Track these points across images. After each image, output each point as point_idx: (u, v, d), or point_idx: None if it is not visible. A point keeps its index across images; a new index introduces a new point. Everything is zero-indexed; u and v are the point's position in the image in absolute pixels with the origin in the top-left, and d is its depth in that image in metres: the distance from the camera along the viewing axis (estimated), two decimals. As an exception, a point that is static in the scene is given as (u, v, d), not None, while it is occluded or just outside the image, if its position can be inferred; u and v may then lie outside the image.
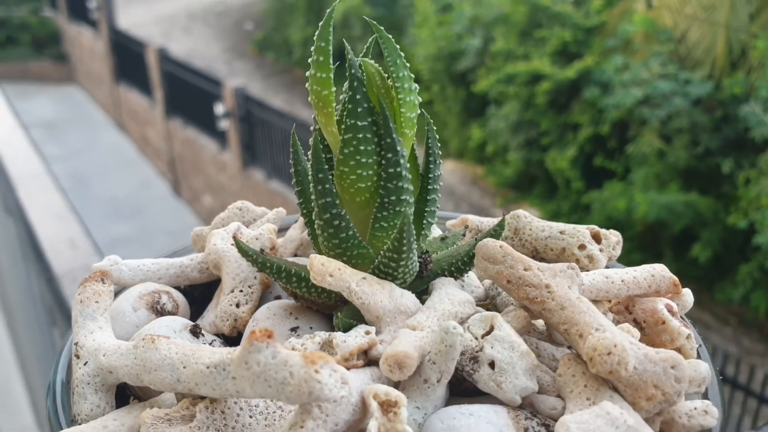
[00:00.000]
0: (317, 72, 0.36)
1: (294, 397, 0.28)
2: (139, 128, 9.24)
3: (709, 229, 5.81)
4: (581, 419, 0.30)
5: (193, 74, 8.12)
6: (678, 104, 6.11)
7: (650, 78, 6.38)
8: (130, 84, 9.21)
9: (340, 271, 0.35)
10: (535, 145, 7.12)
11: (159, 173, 8.79)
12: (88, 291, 0.36)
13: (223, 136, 7.97)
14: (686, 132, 6.23)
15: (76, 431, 0.30)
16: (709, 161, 6.10)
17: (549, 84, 6.72)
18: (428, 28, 7.95)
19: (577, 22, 7.13)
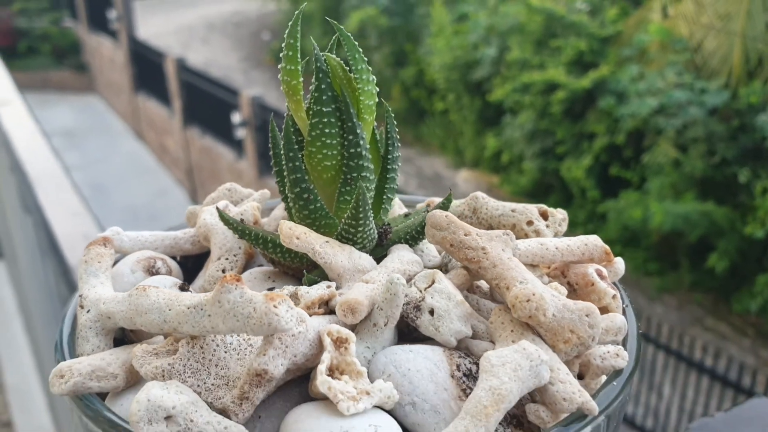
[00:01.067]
0: (287, 65, 0.42)
1: (257, 329, 0.34)
2: (158, 137, 9.35)
3: (725, 239, 5.79)
4: (501, 353, 0.35)
5: (210, 84, 8.21)
6: (694, 113, 6.10)
7: (666, 87, 6.38)
8: (149, 93, 9.32)
9: (306, 234, 0.41)
10: (551, 154, 7.13)
11: (177, 181, 8.88)
12: (91, 253, 0.42)
13: (239, 144, 8.04)
14: (702, 141, 6.21)
15: (78, 360, 0.36)
16: (726, 171, 6.08)
17: (564, 93, 6.73)
18: (444, 38, 7.99)
19: (592, 31, 7.14)
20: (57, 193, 1.30)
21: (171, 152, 9.04)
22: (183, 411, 0.33)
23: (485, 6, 8.30)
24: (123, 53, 9.62)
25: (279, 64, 0.43)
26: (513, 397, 0.34)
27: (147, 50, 9.10)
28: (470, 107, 7.87)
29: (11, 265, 3.05)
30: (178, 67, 8.40)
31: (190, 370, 0.36)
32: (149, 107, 9.28)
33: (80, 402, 0.36)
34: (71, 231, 1.20)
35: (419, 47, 8.71)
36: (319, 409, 0.34)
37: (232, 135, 7.97)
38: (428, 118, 8.50)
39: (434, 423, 0.35)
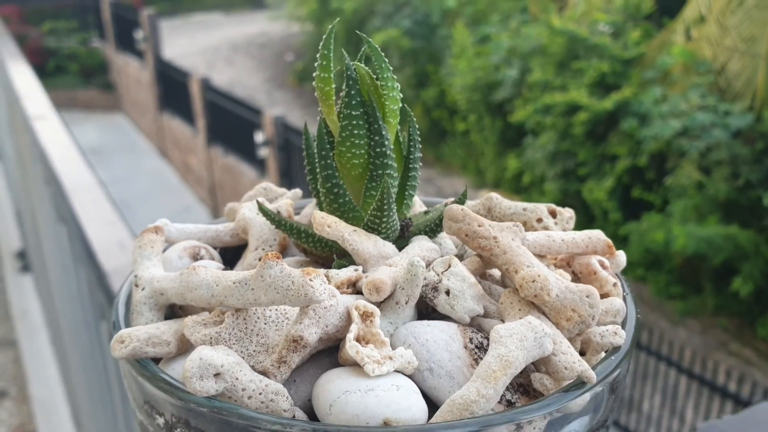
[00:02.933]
0: (321, 73, 0.48)
1: (295, 300, 0.39)
2: (182, 155, 9.46)
3: (750, 262, 5.75)
4: (509, 326, 0.40)
5: (234, 103, 8.31)
6: (717, 136, 6.08)
7: (689, 110, 6.38)
8: (174, 113, 9.45)
9: (336, 223, 0.46)
10: (572, 175, 7.13)
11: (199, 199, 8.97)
12: (145, 239, 0.47)
13: (262, 163, 8.11)
14: (726, 164, 6.19)
15: (136, 329, 0.41)
16: (750, 194, 6.05)
17: (586, 115, 6.74)
18: (466, 59, 8.04)
19: (615, 53, 7.15)
20: (92, 204, 1.36)
21: (194, 170, 9.16)
22: (230, 370, 0.37)
23: (507, 28, 8.36)
24: (149, 73, 9.78)
25: (313, 73, 0.48)
26: (519, 364, 0.38)
27: (172, 70, 9.25)
28: (491, 128, 7.91)
29: (39, 278, 3.12)
30: (203, 87, 8.53)
31: (234, 338, 0.41)
32: (174, 126, 9.41)
33: (137, 365, 0.41)
34: (106, 239, 1.25)
35: (441, 68, 8.78)
36: (347, 372, 0.39)
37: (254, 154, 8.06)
38: (449, 138, 8.55)
39: (449, 386, 0.40)
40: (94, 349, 1.48)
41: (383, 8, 9.45)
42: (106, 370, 1.35)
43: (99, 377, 1.50)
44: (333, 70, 0.48)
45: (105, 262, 1.19)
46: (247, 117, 8.01)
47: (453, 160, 8.47)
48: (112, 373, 1.28)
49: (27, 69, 2.45)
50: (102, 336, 1.26)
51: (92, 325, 1.41)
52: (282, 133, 7.74)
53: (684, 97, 6.43)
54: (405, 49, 8.81)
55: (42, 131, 1.64)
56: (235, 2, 14.08)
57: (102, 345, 1.30)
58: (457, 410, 0.37)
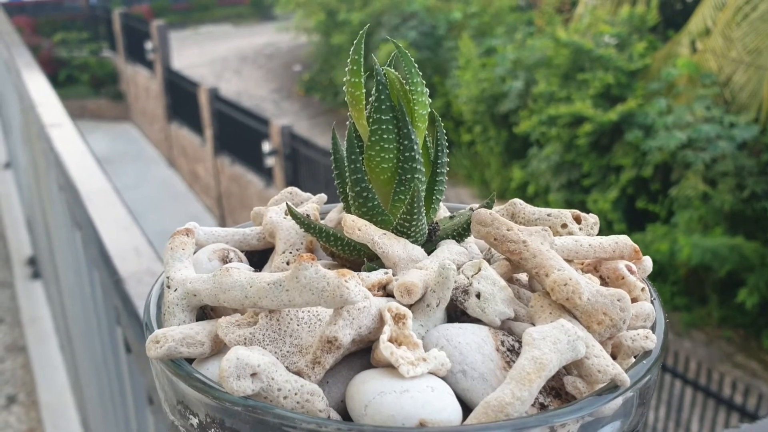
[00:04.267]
0: (352, 78, 0.48)
1: (330, 301, 0.39)
2: (189, 164, 9.49)
3: (755, 274, 5.74)
4: (541, 329, 0.40)
5: (242, 113, 8.35)
6: (723, 147, 6.09)
7: (694, 121, 6.38)
8: (182, 122, 9.49)
9: (366, 226, 0.47)
10: (577, 186, 7.14)
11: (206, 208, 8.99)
12: (176, 241, 0.48)
13: (269, 173, 8.13)
14: (732, 175, 6.19)
15: (171, 329, 0.42)
16: (756, 205, 6.04)
17: (591, 126, 6.74)
18: (471, 71, 8.06)
19: (620, 65, 7.17)
20: (108, 210, 1.36)
21: (202, 179, 9.18)
22: (266, 370, 0.38)
23: (512, 40, 8.39)
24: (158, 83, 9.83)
25: (345, 77, 0.49)
26: (553, 366, 0.39)
27: (181, 80, 9.29)
28: (497, 139, 7.92)
29: (50, 284, 3.13)
30: (211, 97, 8.57)
31: (268, 338, 0.41)
32: (182, 135, 9.45)
33: (172, 365, 0.41)
34: (122, 245, 1.26)
35: (447, 79, 8.81)
36: (381, 373, 0.39)
37: (261, 163, 8.08)
38: (455, 149, 8.57)
39: (482, 389, 0.40)
40: (107, 353, 1.49)
41: (390, 20, 9.48)
42: (119, 374, 1.36)
43: (111, 382, 1.51)
44: (363, 75, 0.48)
45: (121, 267, 1.20)
46: (254, 127, 8.05)
47: (458, 171, 8.48)
48: (126, 377, 1.28)
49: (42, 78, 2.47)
50: (117, 340, 1.27)
51: (106, 330, 1.42)
52: (289, 143, 7.76)
53: (689, 109, 6.44)
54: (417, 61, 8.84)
55: (58, 138, 1.66)
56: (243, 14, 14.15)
57: (117, 349, 1.30)
58: (491, 412, 0.37)
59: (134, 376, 1.22)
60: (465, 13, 9.10)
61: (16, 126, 3.25)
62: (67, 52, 11.17)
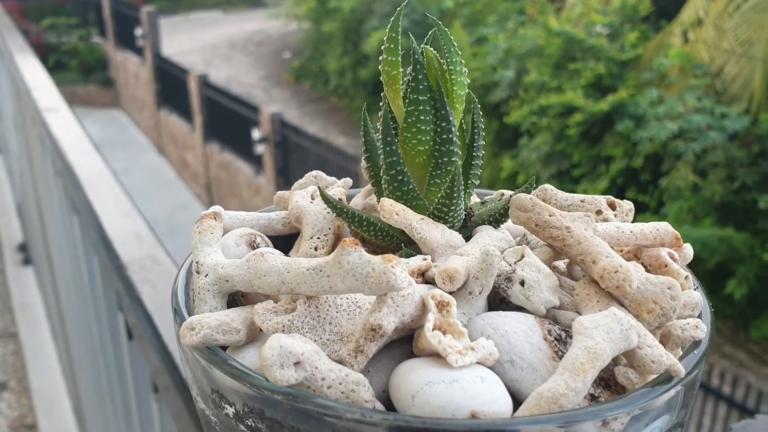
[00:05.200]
0: (389, 56, 0.46)
1: (375, 288, 0.37)
2: (178, 151, 9.44)
3: (745, 265, 5.77)
4: (593, 318, 0.39)
5: (231, 100, 8.30)
6: (714, 138, 6.10)
7: (685, 112, 6.39)
8: (171, 109, 9.43)
9: (404, 211, 0.45)
10: (567, 176, 7.14)
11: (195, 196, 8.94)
12: (204, 225, 0.46)
13: (258, 160, 8.10)
14: (722, 166, 6.21)
15: (206, 315, 0.40)
16: (746, 196, 6.06)
17: (582, 116, 6.74)
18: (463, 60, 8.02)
19: (611, 55, 7.16)
20: (107, 194, 1.34)
21: (191, 167, 9.13)
22: (310, 358, 0.36)
23: (504, 29, 8.36)
24: (147, 69, 9.75)
25: (380, 56, 0.47)
26: (606, 356, 0.37)
27: (171, 67, 9.22)
28: (487, 129, 7.88)
29: (41, 271, 3.10)
30: (201, 84, 8.51)
31: (307, 326, 0.39)
32: (171, 122, 9.38)
33: (208, 352, 0.39)
34: (123, 230, 1.24)
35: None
36: (427, 362, 0.38)
37: (251, 151, 8.05)
38: (445, 138, 8.52)
39: (532, 379, 0.38)
40: (105, 340, 1.47)
41: (381, 8, 9.44)
42: (119, 361, 1.34)
43: (109, 369, 1.49)
44: (401, 53, 0.47)
45: (122, 252, 1.18)
46: (244, 114, 8.00)
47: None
48: (127, 364, 1.26)
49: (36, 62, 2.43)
50: (118, 327, 1.25)
51: (105, 316, 1.40)
52: (279, 130, 7.72)
53: (680, 99, 6.44)
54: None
55: (54, 123, 1.63)
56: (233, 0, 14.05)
57: (117, 336, 1.29)
58: (545, 404, 0.36)
59: (136, 363, 1.20)
60: (457, 2, 9.06)
61: (7, 111, 3.21)
62: (56, 37, 11.06)
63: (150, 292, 1.09)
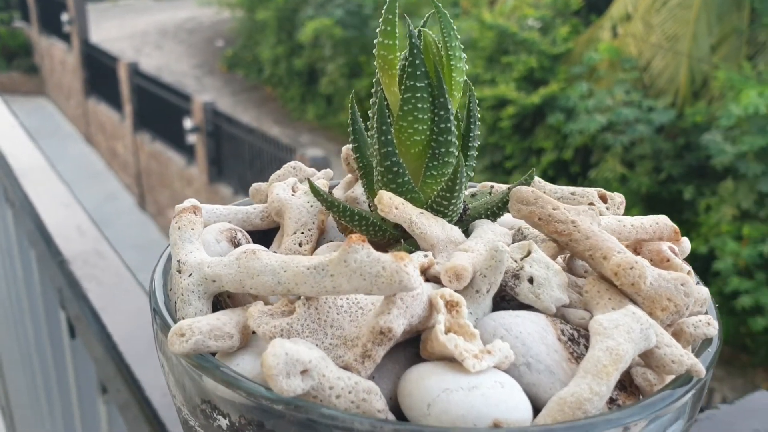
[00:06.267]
0: (385, 39, 0.44)
1: (385, 288, 0.34)
2: (107, 141, 9.20)
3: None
4: (611, 317, 0.37)
5: (163, 89, 8.12)
6: (641, 131, 6.24)
7: (614, 105, 6.52)
8: (100, 97, 9.18)
9: (403, 205, 0.42)
10: (500, 168, 7.22)
11: (125, 186, 8.74)
12: (184, 220, 0.42)
13: (190, 150, 7.96)
14: (649, 158, 6.36)
15: (197, 320, 0.37)
16: (671, 187, 6.23)
17: (514, 109, 6.82)
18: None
19: (543, 49, 7.26)
20: (45, 186, 1.27)
21: (120, 157, 8.91)
22: (317, 366, 0.33)
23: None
24: (75, 56, 9.45)
25: (376, 39, 0.44)
26: (628, 357, 0.35)
27: (99, 54, 8.96)
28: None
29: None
30: (131, 72, 8.30)
31: (308, 330, 0.36)
32: (100, 111, 9.13)
33: (201, 360, 0.36)
34: (63, 222, 1.18)
35: (373, 59, 8.74)
36: (441, 367, 0.35)
37: (183, 140, 7.89)
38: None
39: (550, 383, 0.36)
40: (42, 337, 1.40)
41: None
42: (59, 360, 1.28)
43: (46, 368, 1.42)
44: (397, 36, 0.44)
45: (64, 247, 1.12)
46: (175, 103, 7.84)
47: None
48: (69, 363, 1.20)
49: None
50: (60, 324, 1.19)
51: (42, 314, 1.33)
52: (212, 120, 7.59)
53: (609, 93, 6.57)
54: (337, 38, 8.75)
55: (-17, 110, 1.54)
56: (163, -14, 13.73)
57: (58, 333, 1.22)
58: (569, 409, 0.34)
59: (81, 363, 1.15)
60: (391, -8, 9.03)
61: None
62: (-26, 21, 10.62)
63: (96, 288, 1.04)
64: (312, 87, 9.44)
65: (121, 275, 1.10)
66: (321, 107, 9.34)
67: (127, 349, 0.92)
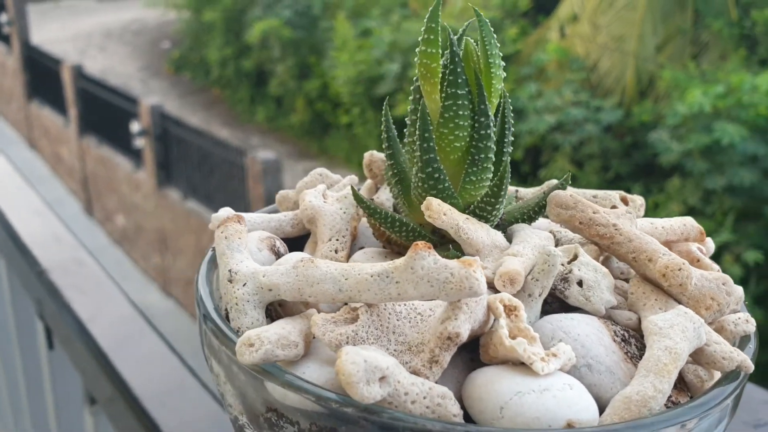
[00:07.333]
0: (428, 48, 0.44)
1: (453, 294, 0.35)
2: (51, 146, 9.00)
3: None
4: (665, 317, 0.38)
5: (108, 92, 7.97)
6: (590, 130, 6.34)
7: (563, 105, 6.61)
8: (43, 101, 8.97)
9: (451, 211, 0.43)
10: (451, 168, 7.23)
11: (71, 192, 8.56)
12: (230, 229, 0.42)
13: (138, 154, 7.84)
14: (597, 157, 6.47)
15: (265, 329, 0.37)
16: (620, 186, 6.33)
17: (465, 109, 6.83)
18: (348, 52, 8.03)
19: (492, 50, 7.28)
20: (16, 193, 1.25)
21: (66, 162, 8.73)
22: (393, 372, 0.34)
23: (388, 22, 8.41)
24: (15, 59, 9.22)
25: (418, 48, 0.45)
26: (685, 355, 0.37)
27: (41, 56, 8.76)
28: (374, 121, 7.94)
29: None
30: (75, 75, 8.13)
31: (372, 336, 0.37)
32: (43, 115, 8.93)
33: (272, 369, 0.36)
34: (38, 231, 1.15)
35: (323, 60, 8.73)
36: (508, 371, 0.36)
37: (130, 144, 7.76)
38: (333, 131, 8.53)
39: (610, 383, 0.37)
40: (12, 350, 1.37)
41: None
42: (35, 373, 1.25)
43: (15, 380, 1.39)
44: (440, 45, 0.44)
45: (42, 256, 1.10)
46: (122, 106, 7.70)
47: (337, 153, 8.45)
48: (46, 375, 1.18)
49: None
50: (35, 335, 1.16)
51: (13, 327, 1.30)
52: (160, 123, 7.49)
53: (558, 93, 6.67)
54: (286, 39, 8.71)
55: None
56: (107, -13, 13.49)
57: (34, 345, 1.20)
58: (635, 407, 0.35)
59: (60, 374, 1.12)
60: (340, -7, 9.04)
61: None
62: None
63: (79, 297, 1.02)
64: (261, 88, 9.38)
65: (103, 283, 1.08)
66: (271, 109, 9.28)
67: (117, 358, 0.91)
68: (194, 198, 7.14)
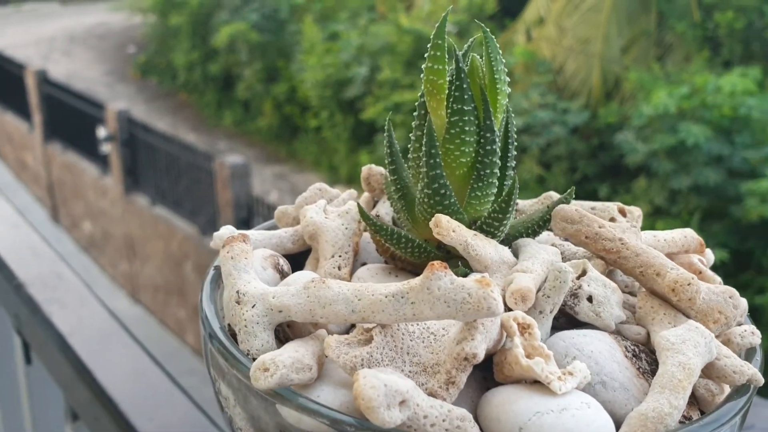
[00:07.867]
0: (434, 64, 0.44)
1: (470, 314, 0.35)
2: (15, 152, 8.86)
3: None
4: (677, 332, 0.38)
5: (74, 97, 7.86)
6: (557, 132, 6.40)
7: (530, 107, 6.66)
8: (6, 107, 8.83)
9: (459, 227, 0.43)
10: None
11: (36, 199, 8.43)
12: (236, 249, 0.42)
13: (104, 160, 7.75)
14: (565, 159, 6.53)
15: (279, 353, 0.36)
16: (587, 186, 6.40)
17: (434, 113, 6.86)
18: (316, 55, 8.02)
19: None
20: (-10, 205, 1.23)
21: (30, 169, 8.59)
22: (412, 395, 0.33)
23: (356, 25, 8.41)
24: (-23, 64, 9.06)
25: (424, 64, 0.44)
26: (698, 371, 0.37)
27: (4, 61, 8.62)
28: (343, 125, 7.94)
29: None
30: (39, 80, 8.01)
31: (387, 358, 0.36)
32: (6, 121, 8.78)
33: (286, 392, 0.36)
34: (14, 244, 1.13)
35: (291, 64, 8.71)
36: (525, 390, 0.36)
37: (96, 150, 7.67)
38: (301, 134, 8.50)
39: (625, 399, 0.37)
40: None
41: (231, 1, 9.24)
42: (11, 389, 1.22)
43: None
44: (447, 62, 0.44)
45: (19, 270, 1.08)
46: (88, 111, 7.61)
47: (305, 156, 8.43)
48: (23, 392, 1.16)
49: None
50: (14, 350, 1.14)
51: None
52: (126, 128, 7.41)
53: (526, 96, 6.72)
54: (253, 43, 8.67)
55: None
56: (70, -10, 13.32)
57: (10, 360, 1.18)
58: (651, 424, 0.35)
59: (40, 390, 1.10)
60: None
61: None
62: None
63: (60, 312, 1.00)
64: (228, 92, 9.32)
65: (84, 297, 1.07)
66: (238, 113, 9.23)
67: (101, 374, 0.90)
68: (162, 204, 7.06)
